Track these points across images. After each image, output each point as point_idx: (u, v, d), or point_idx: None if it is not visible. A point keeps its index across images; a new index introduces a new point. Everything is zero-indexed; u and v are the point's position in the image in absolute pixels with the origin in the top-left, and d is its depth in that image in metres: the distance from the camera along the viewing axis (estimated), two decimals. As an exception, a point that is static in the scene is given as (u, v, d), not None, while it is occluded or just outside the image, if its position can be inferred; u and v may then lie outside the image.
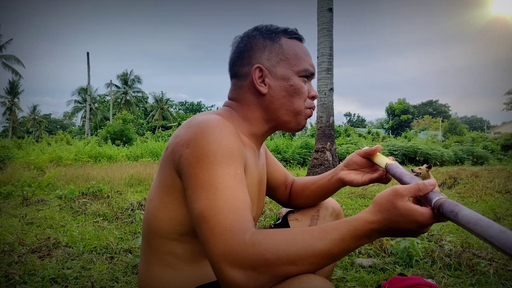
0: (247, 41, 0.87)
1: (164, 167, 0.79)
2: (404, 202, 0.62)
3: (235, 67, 0.88)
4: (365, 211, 0.65)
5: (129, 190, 4.95)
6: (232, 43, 0.91)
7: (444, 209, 0.58)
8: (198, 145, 0.70)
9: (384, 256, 2.00)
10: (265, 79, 0.85)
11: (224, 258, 0.60)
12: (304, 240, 0.61)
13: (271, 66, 0.85)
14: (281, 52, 0.85)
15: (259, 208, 0.98)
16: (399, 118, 44.56)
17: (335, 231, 0.62)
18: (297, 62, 0.86)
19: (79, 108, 40.86)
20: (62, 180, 5.63)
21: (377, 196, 0.66)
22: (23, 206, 3.74)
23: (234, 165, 0.70)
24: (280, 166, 1.15)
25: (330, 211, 1.11)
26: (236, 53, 0.88)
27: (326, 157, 6.00)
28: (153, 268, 0.83)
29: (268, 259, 0.59)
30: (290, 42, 0.87)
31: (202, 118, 0.76)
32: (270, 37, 0.86)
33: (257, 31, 0.87)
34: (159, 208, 0.80)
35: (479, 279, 1.64)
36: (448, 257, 1.90)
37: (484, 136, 20.73)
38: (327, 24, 6.40)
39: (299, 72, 0.86)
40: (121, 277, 1.73)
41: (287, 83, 0.85)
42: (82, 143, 13.72)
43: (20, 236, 2.39)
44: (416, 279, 1.26)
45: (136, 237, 2.44)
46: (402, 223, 0.61)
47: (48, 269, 1.76)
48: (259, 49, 0.85)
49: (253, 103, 0.87)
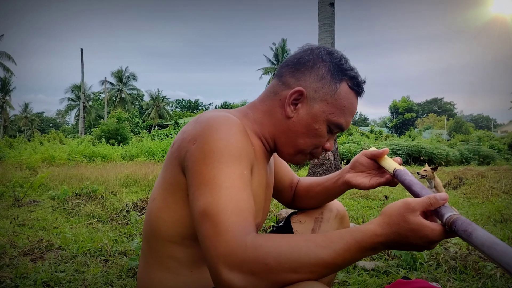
0: (313, 58, 0.82)
1: (170, 163, 0.77)
2: (416, 217, 0.60)
3: (286, 71, 0.84)
4: (373, 222, 0.63)
5: (124, 191, 4.93)
6: (302, 46, 0.87)
7: (456, 227, 0.57)
8: (205, 141, 0.68)
9: (387, 259, 1.98)
10: (298, 104, 0.82)
11: (223, 260, 0.58)
12: (308, 248, 0.59)
13: (313, 98, 0.81)
14: (332, 94, 0.81)
15: (265, 213, 0.95)
16: (402, 117, 44.73)
17: (341, 241, 0.60)
18: (337, 113, 0.82)
19: (72, 106, 40.61)
20: (55, 180, 5.57)
21: (387, 207, 0.64)
22: (15, 207, 3.69)
23: (240, 165, 0.68)
24: (287, 167, 1.13)
25: (335, 213, 1.09)
26: (296, 59, 0.84)
27: (327, 156, 5.97)
28: (153, 271, 0.81)
29: (269, 264, 0.57)
30: (347, 91, 0.82)
31: (212, 114, 0.74)
32: (335, 73, 0.81)
33: (329, 57, 0.82)
34: (162, 208, 0.78)
35: (485, 283, 1.63)
36: (453, 259, 1.88)
37: (490, 135, 20.75)
38: (329, 19, 6.36)
39: (330, 122, 0.82)
40: (116, 280, 1.71)
41: (313, 123, 0.82)
42: (75, 142, 13.62)
43: (11, 238, 2.36)
44: (421, 282, 1.25)
45: (131, 239, 2.42)
46: (411, 238, 0.60)
47: (41, 272, 1.74)
48: (316, 75, 0.81)
49: (274, 116, 0.84)
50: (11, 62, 32.27)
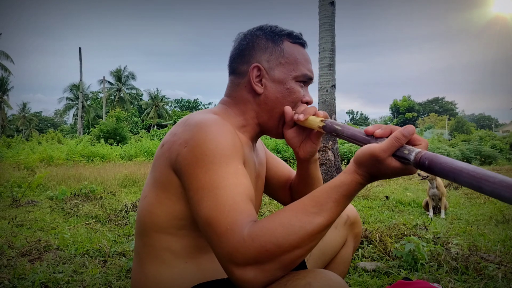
0: (250, 39, 0.88)
1: (160, 164, 0.79)
2: (388, 163, 0.63)
3: (235, 63, 0.90)
4: (350, 171, 0.66)
5: (122, 191, 4.92)
6: (235, 39, 0.92)
7: (428, 163, 0.60)
8: (196, 145, 0.71)
9: (388, 260, 1.97)
10: (262, 79, 0.86)
11: (229, 259, 0.61)
12: (301, 221, 0.62)
13: (269, 67, 0.86)
14: (282, 55, 0.87)
15: (257, 204, 0.97)
16: (404, 116, 44.76)
17: (329, 200, 0.64)
18: (296, 67, 0.87)
19: (71, 106, 40.46)
20: (53, 180, 5.55)
21: (357, 156, 0.66)
22: (13, 208, 3.68)
23: (233, 162, 0.71)
24: (283, 165, 1.12)
25: (344, 219, 1.10)
26: (237, 50, 0.90)
27: (328, 156, 5.93)
28: (147, 266, 0.81)
29: (270, 249, 0.60)
30: (292, 46, 0.88)
31: (200, 117, 0.77)
32: (273, 39, 0.88)
33: (261, 31, 0.89)
34: (154, 204, 0.79)
35: (487, 284, 1.62)
36: (455, 260, 1.87)
37: (492, 135, 20.56)
38: (329, 18, 6.32)
39: (296, 77, 0.87)
40: (115, 281, 1.70)
41: (284, 86, 0.86)
42: (74, 142, 13.57)
43: (9, 238, 2.35)
44: (422, 283, 1.25)
45: (130, 239, 2.41)
46: (387, 175, 0.65)
47: (39, 273, 1.73)
48: (260, 49, 0.87)
49: (248, 102, 0.88)
50: (9, 61, 32.16)
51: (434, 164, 0.58)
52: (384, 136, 0.67)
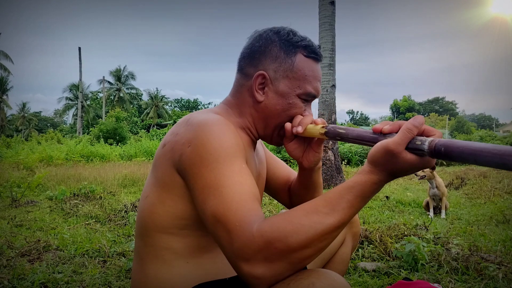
0: (264, 43, 0.86)
1: (161, 164, 0.79)
2: (403, 158, 0.62)
3: (243, 63, 0.89)
4: (366, 171, 0.65)
5: (122, 191, 4.91)
6: (250, 36, 0.90)
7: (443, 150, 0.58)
8: (200, 144, 0.70)
9: (388, 260, 1.97)
10: (265, 87, 0.85)
11: (238, 255, 0.61)
12: (311, 221, 0.61)
13: (275, 78, 0.84)
14: (290, 69, 0.84)
15: None
16: (404, 116, 44.68)
17: (342, 201, 0.63)
18: (302, 84, 0.85)
19: (70, 106, 40.42)
20: (53, 180, 5.54)
21: (371, 156, 0.65)
22: (12, 208, 3.68)
23: (237, 161, 0.71)
24: (282, 166, 1.11)
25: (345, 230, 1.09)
26: (248, 49, 0.88)
27: (328, 156, 5.93)
28: (148, 266, 0.81)
29: (278, 247, 0.59)
30: (304, 61, 0.85)
31: (202, 117, 0.77)
32: (287, 49, 0.85)
33: (277, 36, 0.85)
34: (156, 204, 0.79)
35: (488, 284, 1.62)
36: (455, 260, 1.87)
37: (493, 135, 20.53)
38: (329, 18, 6.32)
39: (300, 95, 0.85)
40: (114, 281, 1.70)
41: (285, 100, 0.85)
42: (73, 142, 13.54)
43: (9, 239, 2.35)
44: (422, 283, 1.25)
45: (130, 240, 2.41)
46: (404, 172, 0.64)
47: (38, 273, 1.73)
48: (271, 57, 0.85)
49: (248, 106, 0.88)
50: (9, 61, 32.15)
51: (450, 149, 0.56)
52: (393, 132, 0.66)
